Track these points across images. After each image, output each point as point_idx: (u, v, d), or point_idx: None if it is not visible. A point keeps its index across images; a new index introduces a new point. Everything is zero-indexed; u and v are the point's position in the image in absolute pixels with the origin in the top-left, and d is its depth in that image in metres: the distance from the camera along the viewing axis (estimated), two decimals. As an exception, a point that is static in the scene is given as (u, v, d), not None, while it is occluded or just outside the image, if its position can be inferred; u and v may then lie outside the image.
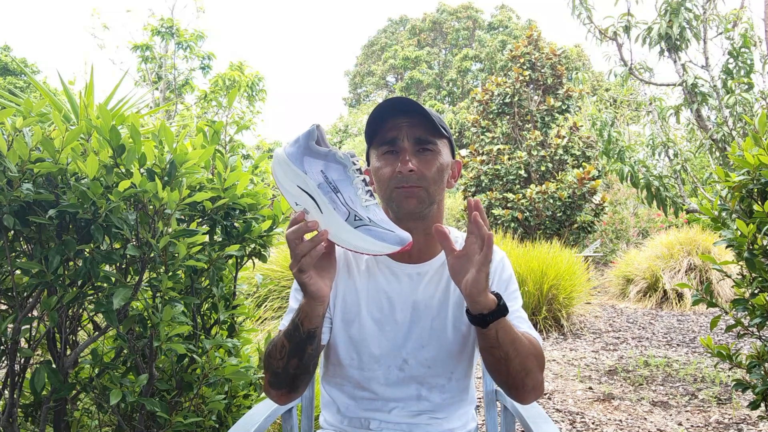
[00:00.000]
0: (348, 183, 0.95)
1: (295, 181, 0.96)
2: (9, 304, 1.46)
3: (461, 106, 27.00)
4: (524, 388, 1.05)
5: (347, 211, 0.93)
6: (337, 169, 0.96)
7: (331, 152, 0.96)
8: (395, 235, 0.93)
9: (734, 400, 3.41)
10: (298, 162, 0.96)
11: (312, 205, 0.95)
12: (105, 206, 1.32)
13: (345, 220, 0.93)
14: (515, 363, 1.01)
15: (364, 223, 0.93)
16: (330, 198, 0.94)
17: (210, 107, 9.37)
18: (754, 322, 1.84)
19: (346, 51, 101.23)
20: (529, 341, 1.06)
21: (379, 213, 0.97)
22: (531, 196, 9.38)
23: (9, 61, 19.75)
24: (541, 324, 5.50)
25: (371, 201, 0.96)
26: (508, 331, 1.00)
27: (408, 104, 1.10)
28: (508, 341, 1.00)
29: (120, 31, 27.65)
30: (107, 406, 1.49)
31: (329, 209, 0.94)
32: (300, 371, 1.07)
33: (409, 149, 1.11)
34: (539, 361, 1.07)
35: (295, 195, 0.96)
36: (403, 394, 1.17)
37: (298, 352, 1.05)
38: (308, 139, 0.97)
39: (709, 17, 3.96)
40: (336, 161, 0.96)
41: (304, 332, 1.02)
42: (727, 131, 3.80)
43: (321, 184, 0.94)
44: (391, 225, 0.96)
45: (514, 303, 1.19)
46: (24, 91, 11.65)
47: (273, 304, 4.80)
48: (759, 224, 1.76)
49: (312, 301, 0.98)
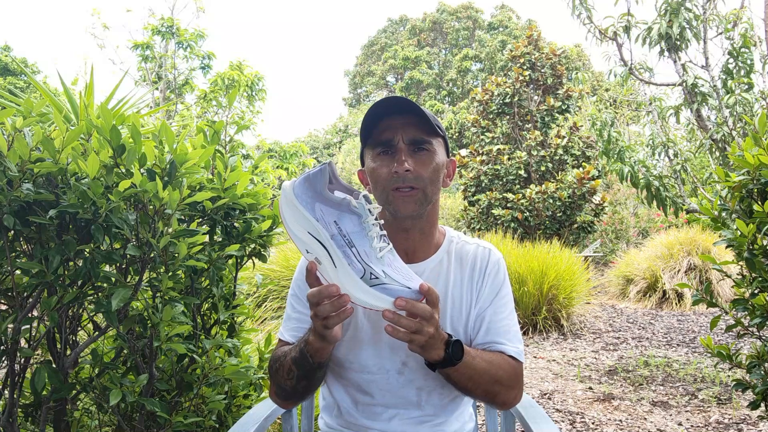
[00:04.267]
0: (363, 235, 0.90)
1: (306, 227, 0.91)
2: (9, 304, 1.46)
3: (461, 106, 26.99)
4: (494, 404, 1.16)
5: (362, 269, 0.89)
6: (351, 219, 0.91)
7: (345, 201, 0.91)
8: (411, 291, 0.89)
9: (734, 400, 3.41)
10: (308, 207, 0.91)
11: (325, 255, 0.90)
12: (105, 206, 1.32)
13: (360, 278, 0.88)
14: (477, 392, 1.09)
15: (381, 281, 0.88)
16: (344, 252, 0.89)
17: (210, 107, 9.37)
18: (754, 322, 1.84)
19: (346, 51, 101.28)
20: (496, 367, 1.09)
21: (394, 260, 0.93)
22: (531, 196, 9.38)
23: (9, 61, 19.75)
24: (541, 324, 5.50)
25: (386, 248, 0.92)
26: (464, 371, 1.03)
27: (402, 104, 1.10)
28: (465, 379, 1.04)
29: (120, 31, 27.64)
30: (107, 406, 1.49)
31: (344, 264, 0.89)
32: (308, 389, 1.12)
33: (405, 149, 1.11)
34: (509, 381, 1.12)
35: (307, 243, 0.91)
36: (403, 400, 1.17)
37: (307, 377, 1.08)
38: (320, 180, 0.91)
39: (709, 17, 3.96)
40: (350, 211, 0.91)
41: (315, 364, 1.04)
42: (727, 131, 3.80)
43: (334, 236, 0.90)
44: (406, 278, 0.91)
45: (502, 312, 1.19)
46: (24, 91, 11.64)
47: (273, 304, 4.79)
48: (759, 224, 1.76)
49: (324, 342, 0.98)
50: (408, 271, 0.93)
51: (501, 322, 1.17)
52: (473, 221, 10.12)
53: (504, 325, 1.17)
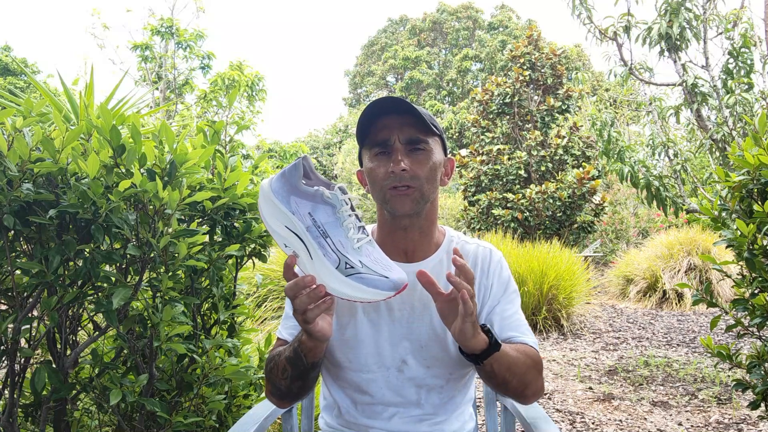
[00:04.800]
0: (337, 225, 0.91)
1: (283, 221, 0.92)
2: (9, 304, 1.46)
3: (461, 106, 27.00)
4: (524, 396, 1.12)
5: (337, 259, 0.89)
6: (325, 210, 0.91)
7: (318, 192, 0.91)
8: (389, 281, 0.89)
9: (734, 400, 3.41)
10: (284, 201, 0.91)
11: (302, 248, 0.91)
12: (105, 206, 1.32)
13: (336, 268, 0.89)
14: (514, 382, 1.06)
15: (356, 270, 0.89)
16: (319, 243, 0.90)
17: (210, 107, 9.37)
18: (754, 322, 1.84)
19: (346, 51, 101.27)
20: (525, 355, 1.09)
21: (373, 251, 0.93)
22: (531, 196, 9.38)
23: (9, 61, 19.75)
24: (541, 324, 5.50)
25: (364, 239, 0.92)
26: (503, 360, 1.02)
27: (398, 103, 1.10)
28: (504, 369, 1.03)
29: (120, 31, 27.62)
30: (107, 406, 1.49)
31: (319, 255, 0.89)
32: (303, 389, 1.11)
33: (401, 149, 1.11)
34: (537, 368, 1.11)
35: (284, 237, 0.92)
36: (403, 398, 1.17)
37: (302, 377, 1.08)
38: (294, 174, 0.92)
39: (709, 17, 3.96)
40: (324, 202, 0.91)
41: (309, 364, 1.04)
42: (727, 131, 3.80)
43: (309, 228, 0.90)
44: (385, 268, 0.91)
45: (511, 306, 1.20)
46: (24, 91, 11.64)
47: (273, 304, 4.80)
48: (759, 224, 1.76)
49: (317, 342, 0.98)
50: (387, 262, 0.93)
51: (513, 317, 1.18)
52: (473, 221, 10.12)
53: (516, 320, 1.18)
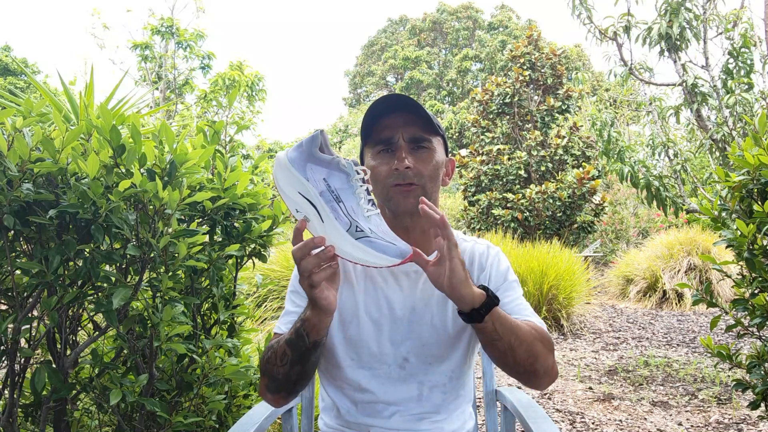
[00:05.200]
0: (351, 192, 0.93)
1: (297, 187, 0.94)
2: (9, 304, 1.46)
3: (461, 106, 26.99)
4: (536, 373, 1.05)
5: (349, 222, 0.91)
6: (340, 177, 0.94)
7: (335, 160, 0.94)
8: (396, 247, 0.91)
9: (734, 400, 3.41)
10: (300, 168, 0.94)
11: (313, 213, 0.93)
12: (105, 206, 1.32)
13: (346, 230, 0.91)
14: (521, 351, 1.01)
15: (366, 234, 0.91)
16: (332, 207, 0.92)
17: (210, 107, 9.37)
18: (754, 322, 1.84)
19: (346, 51, 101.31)
20: (531, 327, 1.07)
21: (381, 224, 0.95)
22: (531, 196, 9.38)
23: (9, 61, 19.75)
24: (541, 324, 5.50)
25: (373, 211, 0.95)
26: (505, 320, 0.99)
27: (402, 102, 1.11)
28: (507, 330, 0.99)
29: (120, 31, 27.65)
30: (107, 406, 1.49)
31: (330, 218, 0.92)
32: (302, 377, 1.08)
33: (405, 147, 1.11)
34: (546, 344, 1.07)
35: (297, 202, 0.94)
36: (404, 396, 1.17)
37: (301, 360, 1.05)
38: (312, 145, 0.95)
39: (709, 17, 3.96)
40: (339, 169, 0.94)
41: (311, 343, 1.01)
42: (727, 131, 3.80)
43: (323, 192, 0.93)
44: (392, 237, 0.94)
45: (513, 292, 1.19)
46: (24, 91, 11.65)
47: (273, 304, 4.80)
48: (759, 224, 1.76)
49: (321, 314, 0.97)
50: (393, 236, 0.95)
51: (515, 302, 1.17)
52: (473, 221, 10.12)
53: (518, 304, 1.17)
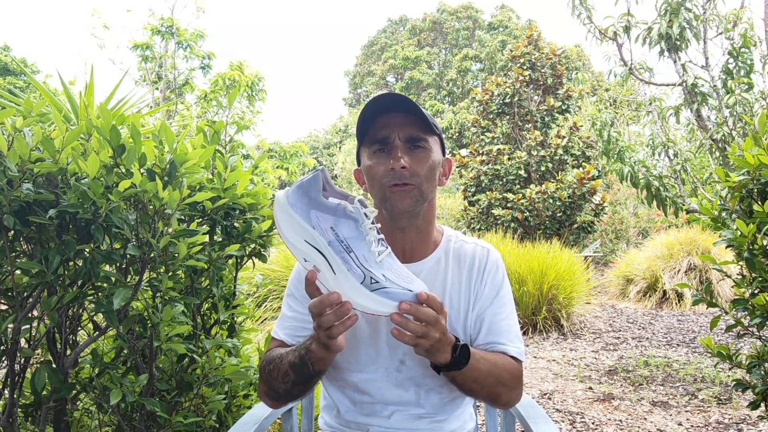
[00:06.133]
0: (361, 240, 0.89)
1: (303, 236, 0.89)
2: (9, 304, 1.46)
3: (461, 106, 27.00)
4: (496, 404, 1.17)
5: (362, 274, 0.87)
6: (348, 224, 0.89)
7: (341, 206, 0.89)
8: (412, 294, 0.88)
9: (734, 400, 3.41)
10: (304, 215, 0.89)
11: (323, 263, 0.88)
12: (105, 206, 1.32)
13: (361, 283, 0.87)
14: (480, 393, 1.09)
15: (381, 285, 0.87)
16: (343, 258, 0.87)
17: (210, 107, 9.36)
18: (754, 322, 1.84)
19: (346, 51, 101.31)
20: (499, 368, 1.10)
21: (393, 264, 0.91)
22: (531, 196, 9.38)
23: (9, 61, 19.75)
24: (540, 324, 5.50)
25: (384, 252, 0.91)
26: (468, 374, 1.02)
27: (399, 101, 1.10)
28: (469, 381, 1.04)
29: (120, 31, 27.62)
30: (107, 406, 1.49)
31: (343, 271, 0.87)
32: (303, 392, 1.10)
33: (401, 146, 1.11)
34: (512, 382, 1.13)
35: (304, 251, 0.89)
36: (402, 398, 1.17)
37: (304, 383, 1.06)
38: (312, 187, 0.90)
39: (709, 17, 3.96)
40: (347, 216, 0.89)
41: (315, 371, 1.02)
42: (727, 131, 3.80)
43: (332, 242, 0.88)
44: (407, 280, 0.90)
45: (502, 310, 1.19)
46: (24, 91, 11.64)
47: (273, 304, 4.80)
48: (759, 224, 1.76)
49: (330, 353, 0.96)
50: (408, 274, 0.92)
51: (502, 322, 1.17)
52: (473, 221, 10.12)
53: (505, 325, 1.17)
